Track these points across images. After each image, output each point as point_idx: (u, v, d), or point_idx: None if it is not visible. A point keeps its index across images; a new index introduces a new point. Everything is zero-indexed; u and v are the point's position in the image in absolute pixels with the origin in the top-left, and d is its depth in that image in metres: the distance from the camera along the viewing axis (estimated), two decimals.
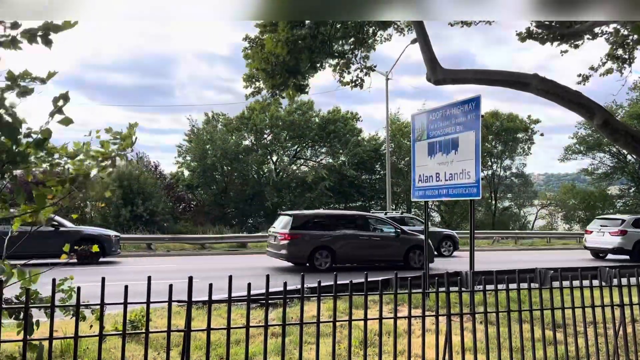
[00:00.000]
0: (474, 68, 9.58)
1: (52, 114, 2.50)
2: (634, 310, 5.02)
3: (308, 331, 6.34)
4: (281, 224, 15.40)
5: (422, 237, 15.70)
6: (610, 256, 20.30)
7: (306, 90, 10.86)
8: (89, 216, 26.50)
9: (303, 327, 3.40)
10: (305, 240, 14.21)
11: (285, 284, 3.44)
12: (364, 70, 11.23)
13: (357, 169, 40.90)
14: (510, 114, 43.49)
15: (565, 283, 4.65)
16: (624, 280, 5.02)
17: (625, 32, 10.28)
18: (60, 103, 2.51)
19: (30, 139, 2.50)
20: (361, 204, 41.78)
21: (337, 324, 3.59)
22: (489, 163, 43.94)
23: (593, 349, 4.74)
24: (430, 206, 41.83)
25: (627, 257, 18.98)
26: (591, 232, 20.68)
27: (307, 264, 14.31)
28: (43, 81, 2.47)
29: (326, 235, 14.43)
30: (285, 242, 14.20)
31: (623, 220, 19.79)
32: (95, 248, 4.06)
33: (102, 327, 2.88)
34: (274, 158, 42.35)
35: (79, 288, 2.86)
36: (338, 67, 11.04)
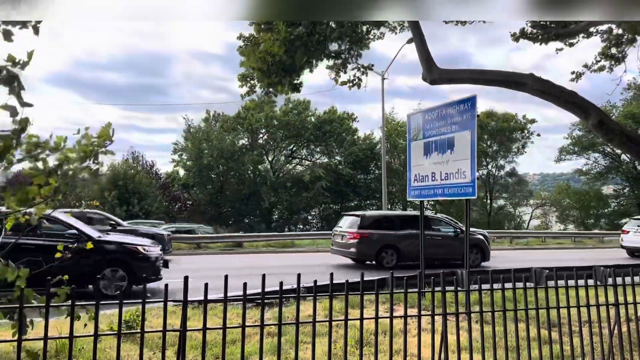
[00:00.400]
0: (470, 68, 9.57)
1: (17, 97, 2.43)
2: (628, 310, 5.04)
3: (304, 331, 6.34)
4: (346, 223, 16.20)
5: (480, 236, 16.81)
6: None
7: (300, 88, 10.89)
8: None
9: (299, 326, 3.39)
10: (373, 239, 14.81)
11: (281, 283, 3.44)
12: (361, 70, 11.24)
13: (353, 168, 40.96)
14: (505, 114, 43.62)
15: (561, 282, 4.67)
16: (619, 280, 5.04)
17: (620, 32, 10.33)
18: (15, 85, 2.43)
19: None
20: (357, 203, 41.82)
21: (333, 323, 3.59)
22: (484, 163, 44.08)
23: (588, 348, 4.76)
24: (425, 205, 41.76)
25: None
26: (628, 232, 22.10)
27: (374, 262, 14.91)
28: (23, 65, 2.41)
29: (392, 234, 15.11)
30: (354, 240, 14.86)
31: None
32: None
33: (97, 327, 2.87)
34: (270, 157, 42.36)
35: (73, 287, 2.85)
36: (335, 67, 11.05)
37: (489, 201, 44.03)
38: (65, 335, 2.94)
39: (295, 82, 10.69)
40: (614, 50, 11.00)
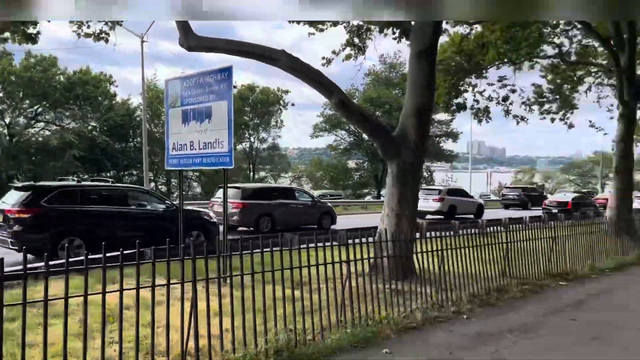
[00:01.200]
0: (227, 38, 9.51)
1: None
2: (357, 266, 5.81)
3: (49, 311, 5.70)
4: (230, 194, 16.08)
5: (330, 205, 20.47)
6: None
7: (37, 39, 9.47)
8: None
9: (26, 307, 3.03)
10: (253, 208, 16.72)
11: (25, 258, 3.01)
12: (109, 24, 10.24)
13: (110, 135, 38.09)
14: (265, 88, 45.76)
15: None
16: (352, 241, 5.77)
17: (361, 23, 11.62)
18: None
19: None
20: (115, 173, 39.12)
21: (75, 300, 3.30)
22: (247, 135, 45.71)
23: (326, 303, 5.35)
24: (190, 176, 41.48)
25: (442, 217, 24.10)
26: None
27: (253, 228, 16.84)
28: None
29: (267, 204, 17.30)
30: (237, 210, 16.50)
31: (440, 190, 25.42)
32: None
33: None
34: (7, 120, 36.52)
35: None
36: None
37: (251, 172, 45.95)
38: None
39: (30, 31, 9.22)
40: (356, 40, 12.34)
